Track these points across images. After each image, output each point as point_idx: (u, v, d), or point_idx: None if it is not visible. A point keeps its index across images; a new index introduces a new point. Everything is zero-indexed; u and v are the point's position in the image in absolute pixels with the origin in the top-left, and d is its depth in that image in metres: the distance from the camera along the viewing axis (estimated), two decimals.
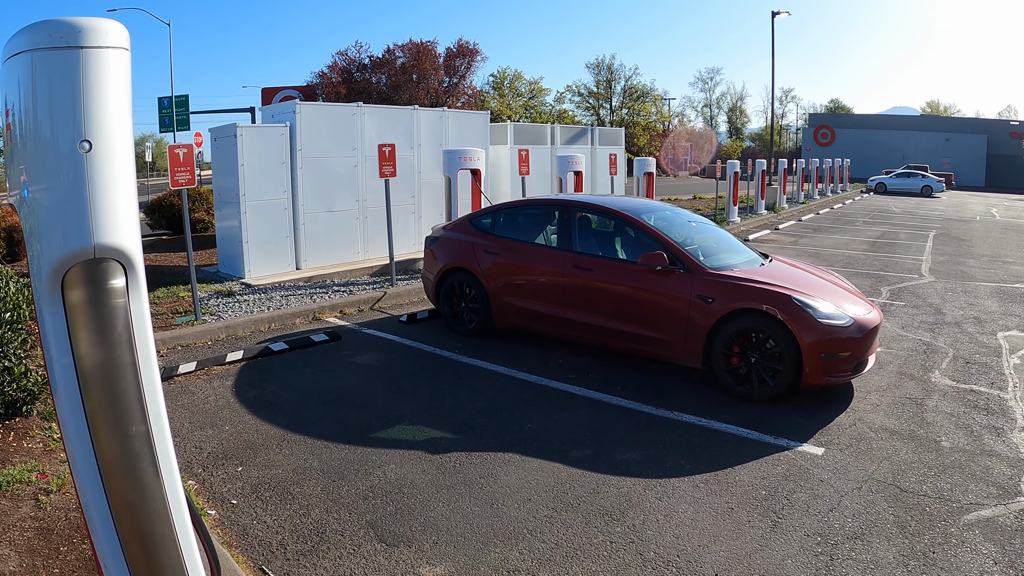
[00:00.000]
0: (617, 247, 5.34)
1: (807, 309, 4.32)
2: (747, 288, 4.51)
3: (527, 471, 3.54)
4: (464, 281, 6.05)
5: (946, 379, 5.10)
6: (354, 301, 7.29)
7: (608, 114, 58.77)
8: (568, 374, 5.10)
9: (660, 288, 4.81)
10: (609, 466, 3.61)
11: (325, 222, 8.49)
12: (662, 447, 3.86)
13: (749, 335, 4.47)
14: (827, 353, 4.28)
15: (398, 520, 2.99)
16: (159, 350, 5.96)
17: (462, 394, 4.72)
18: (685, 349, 4.71)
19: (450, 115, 9.89)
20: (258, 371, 5.26)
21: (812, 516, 3.12)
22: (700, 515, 3.14)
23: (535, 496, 3.28)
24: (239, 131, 7.70)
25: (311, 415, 4.26)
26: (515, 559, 2.77)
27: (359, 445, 3.78)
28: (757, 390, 4.45)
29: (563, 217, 5.55)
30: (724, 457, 3.72)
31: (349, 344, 5.99)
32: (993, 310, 7.46)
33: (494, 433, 4.02)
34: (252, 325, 6.52)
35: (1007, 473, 3.56)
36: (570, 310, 5.32)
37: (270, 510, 3.10)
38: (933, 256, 11.50)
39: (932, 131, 47.40)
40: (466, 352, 5.68)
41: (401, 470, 3.49)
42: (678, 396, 4.63)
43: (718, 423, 4.18)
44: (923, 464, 3.65)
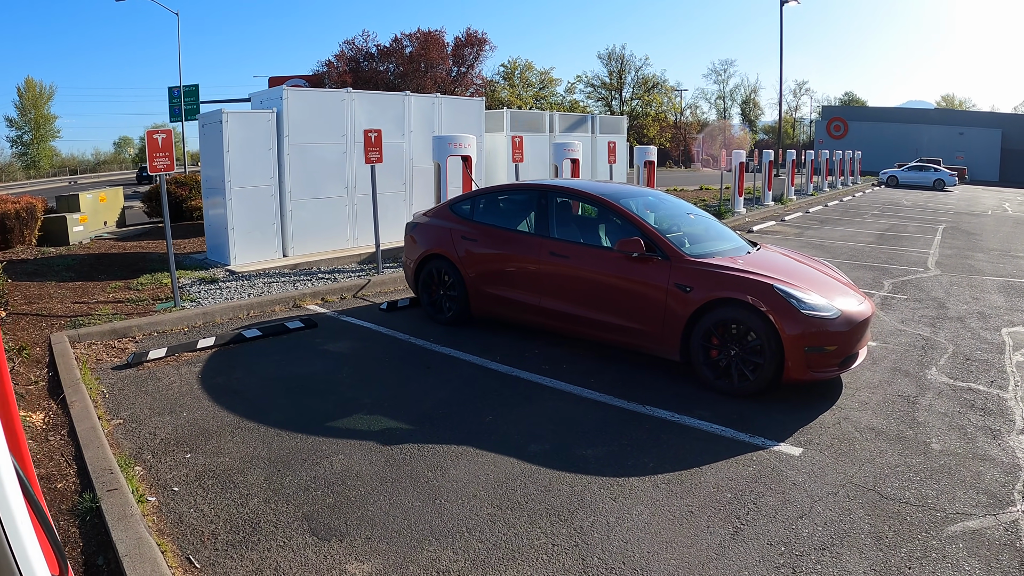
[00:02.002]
0: (595, 234, 5.02)
1: (790, 300, 3.97)
2: (727, 276, 4.18)
3: (478, 466, 3.31)
4: (442, 268, 5.78)
5: (943, 376, 4.73)
6: (337, 289, 7.06)
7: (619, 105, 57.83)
8: (542, 365, 4.82)
9: (637, 276, 4.49)
10: (566, 462, 3.35)
11: (313, 209, 8.26)
12: (627, 443, 3.57)
13: (729, 326, 4.14)
14: (811, 346, 3.94)
15: (335, 513, 2.84)
16: (136, 336, 5.80)
17: (428, 384, 4.47)
18: (662, 340, 4.40)
19: (443, 101, 9.58)
20: (227, 358, 5.08)
21: (779, 523, 2.81)
22: (655, 518, 2.86)
23: (481, 492, 3.05)
24: (224, 117, 7.48)
25: (270, 403, 4.09)
26: (447, 559, 2.56)
27: (312, 434, 3.61)
28: (737, 385, 4.13)
29: (541, 202, 5.24)
30: (692, 456, 3.42)
31: (324, 332, 5.77)
32: (999, 305, 7.01)
33: (453, 425, 3.78)
34: (230, 312, 6.33)
35: (1000, 480, 3.21)
36: (546, 298, 5.02)
37: (209, 499, 2.97)
38: (941, 250, 10.97)
39: (946, 125, 45.91)
40: (441, 341, 5.42)
41: (349, 461, 3.31)
42: (653, 390, 4.32)
43: (691, 419, 3.87)
44: (909, 468, 3.32)
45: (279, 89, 7.97)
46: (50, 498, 2.96)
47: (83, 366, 4.77)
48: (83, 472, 3.19)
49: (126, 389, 4.39)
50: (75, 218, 9.27)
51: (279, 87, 8.00)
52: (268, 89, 8.37)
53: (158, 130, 6.22)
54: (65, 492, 3.04)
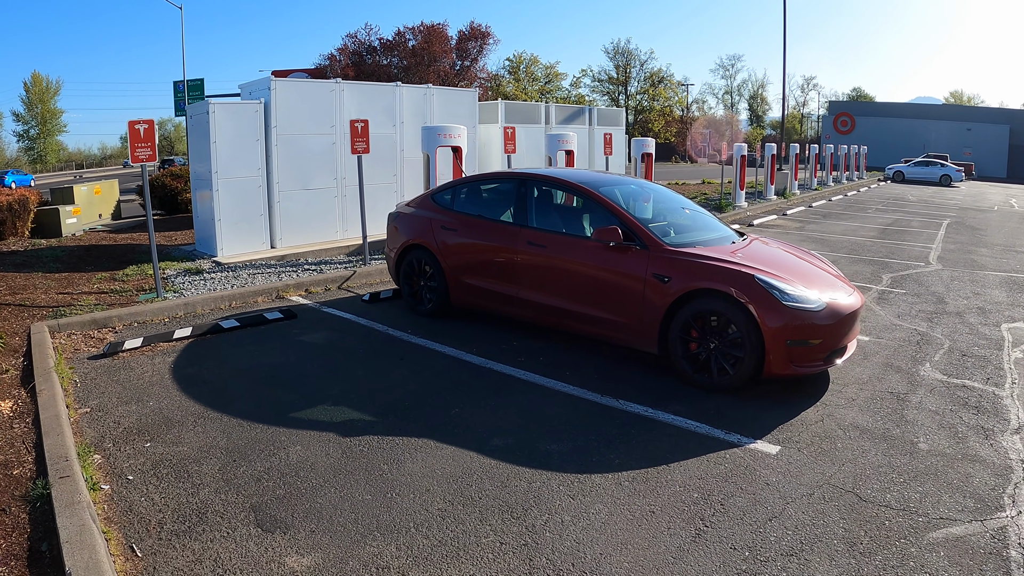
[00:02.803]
0: (573, 223, 4.79)
1: (771, 290, 3.74)
2: (706, 266, 3.94)
3: (437, 459, 3.14)
4: (423, 259, 5.59)
5: (937, 373, 4.47)
6: (322, 280, 6.89)
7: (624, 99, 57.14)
8: (518, 357, 4.62)
9: (614, 266, 4.27)
10: (527, 457, 3.16)
11: (301, 200, 8.09)
12: (594, 438, 3.37)
13: (708, 318, 3.91)
14: (793, 340, 3.71)
15: (283, 505, 2.75)
16: (116, 326, 5.68)
17: (399, 375, 4.30)
18: (640, 332, 4.18)
19: (435, 92, 9.37)
20: (202, 348, 4.94)
21: (746, 526, 2.60)
22: (614, 518, 2.66)
23: (435, 487, 2.89)
24: (211, 108, 7.33)
25: (237, 393, 3.98)
26: (389, 555, 2.43)
27: (273, 425, 3.50)
28: (716, 379, 3.90)
29: (520, 191, 5.02)
30: (661, 452, 3.21)
31: (303, 323, 5.61)
32: (1000, 300, 6.70)
33: (417, 417, 3.62)
34: (212, 303, 6.19)
35: (990, 483, 2.97)
36: (524, 289, 4.81)
37: (161, 488, 2.90)
38: (944, 244, 10.61)
39: (954, 120, 44.89)
40: (419, 332, 5.24)
41: (306, 452, 3.19)
42: (630, 384, 4.11)
43: (666, 414, 3.65)
44: (892, 469, 3.08)
45: (266, 80, 7.80)
46: (5, 484, 2.90)
47: (58, 355, 4.67)
48: (41, 459, 3.11)
49: (98, 378, 4.30)
50: (68, 210, 9.18)
51: (266, 77, 7.83)
52: (257, 80, 8.21)
53: (140, 120, 6.06)
54: (20, 479, 2.97)
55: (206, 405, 3.79)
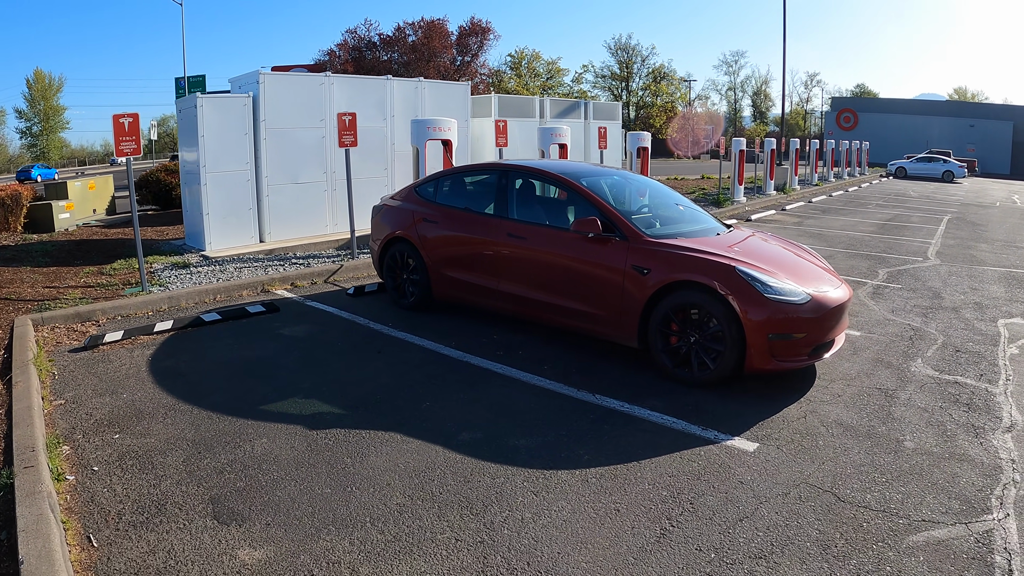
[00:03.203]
0: (554, 214, 4.63)
1: (753, 282, 3.57)
2: (686, 258, 3.78)
3: (402, 453, 3.04)
4: (405, 252, 5.45)
5: (928, 368, 4.28)
6: (308, 273, 6.77)
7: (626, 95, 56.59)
8: (497, 351, 4.47)
9: (594, 258, 4.11)
10: (494, 453, 3.03)
11: (290, 194, 7.96)
12: (565, 433, 3.23)
13: (689, 311, 3.75)
14: (776, 333, 3.54)
15: (242, 497, 2.70)
16: (99, 320, 5.60)
17: (374, 369, 4.18)
18: (620, 326, 4.02)
19: (426, 85, 9.20)
20: (182, 341, 4.86)
21: (714, 526, 2.44)
22: (576, 516, 2.52)
23: (396, 481, 2.80)
24: (199, 102, 7.21)
25: (211, 386, 3.91)
26: (341, 550, 2.35)
27: (242, 417, 3.44)
28: (696, 374, 3.74)
29: (501, 183, 4.86)
30: (632, 449, 3.06)
31: (285, 316, 5.49)
32: (998, 296, 6.49)
33: (387, 411, 3.52)
34: (196, 296, 6.09)
35: (977, 484, 2.80)
36: (505, 282, 4.66)
37: (125, 479, 2.87)
38: (943, 240, 10.36)
39: (957, 117, 44.20)
40: (399, 326, 5.11)
41: (271, 445, 3.12)
42: (609, 378, 3.95)
43: (642, 409, 3.50)
44: (875, 468, 2.92)
45: (255, 73, 7.67)
46: None
47: (39, 348, 4.61)
48: (9, 450, 3.06)
49: (77, 371, 4.23)
50: (61, 205, 9.11)
51: (255, 71, 7.69)
52: (246, 74, 8.07)
53: (124, 114, 5.96)
54: None
55: (178, 397, 3.73)
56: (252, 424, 3.35)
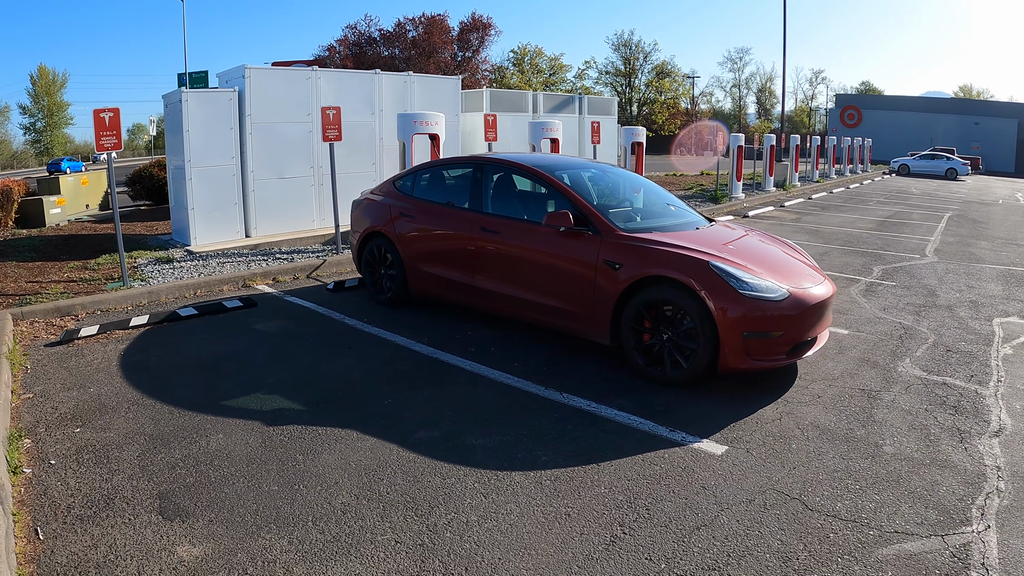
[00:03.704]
0: (528, 208, 4.44)
1: (727, 278, 3.37)
2: (659, 252, 3.58)
3: (355, 451, 2.92)
4: (383, 246, 5.29)
5: (916, 369, 4.07)
6: (291, 268, 6.63)
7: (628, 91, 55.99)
8: (469, 347, 4.31)
9: (566, 252, 3.92)
10: (449, 452, 2.89)
11: (277, 189, 7.82)
12: (525, 433, 3.06)
13: (662, 307, 3.55)
14: (751, 331, 3.34)
15: (190, 493, 2.65)
16: (79, 314, 5.50)
17: (342, 364, 4.05)
18: (593, 322, 3.83)
19: (415, 79, 9.02)
20: (156, 336, 4.75)
21: (669, 534, 2.26)
22: (524, 520, 2.36)
23: (344, 480, 2.69)
24: (183, 96, 7.07)
25: (177, 381, 3.84)
26: (279, 549, 2.27)
27: (202, 412, 3.37)
28: (669, 372, 3.55)
29: (476, 176, 4.68)
30: (593, 450, 2.89)
31: (262, 311, 5.35)
32: (994, 294, 6.23)
33: (347, 407, 3.40)
34: (176, 291, 5.96)
35: (958, 492, 2.59)
36: (479, 277, 4.49)
37: (80, 473, 2.84)
38: (943, 237, 10.07)
39: (962, 114, 43.39)
40: (374, 321, 4.95)
41: (227, 440, 3.06)
42: (579, 376, 3.77)
43: (610, 409, 3.31)
44: (848, 474, 2.72)
45: (241, 67, 7.52)
46: None
47: (15, 343, 4.54)
48: None
49: (50, 365, 4.16)
50: (52, 200, 9.02)
51: (241, 66, 7.54)
52: (233, 68, 7.93)
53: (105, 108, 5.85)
54: None
55: (144, 392, 3.67)
56: (211, 419, 3.28)
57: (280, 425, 3.21)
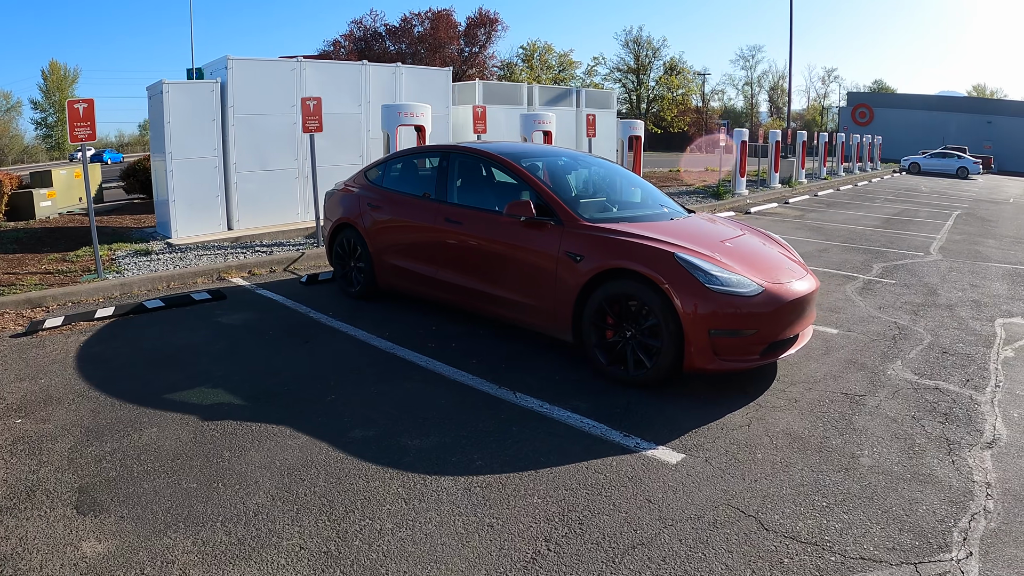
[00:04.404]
0: (491, 198, 4.15)
1: (693, 271, 3.05)
2: (621, 243, 3.27)
3: (284, 449, 2.74)
4: (352, 239, 5.04)
5: (907, 372, 3.72)
6: (268, 261, 6.42)
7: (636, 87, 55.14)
8: (429, 343, 4.05)
9: (527, 243, 3.63)
10: (382, 453, 2.67)
11: (260, 181, 7.62)
12: (465, 435, 2.81)
13: (626, 303, 3.25)
14: (720, 329, 3.03)
15: (110, 488, 2.54)
16: (49, 306, 5.35)
17: (295, 359, 3.84)
18: (554, 317, 3.55)
19: (404, 71, 8.76)
20: (119, 328, 4.60)
21: (600, 552, 1.98)
22: (442, 530, 2.12)
23: (264, 480, 2.50)
24: (165, 88, 6.88)
25: (128, 373, 3.70)
26: (181, 549, 2.14)
27: (143, 405, 3.26)
28: (632, 372, 3.25)
29: (443, 165, 4.40)
30: (536, 455, 2.61)
31: (229, 304, 5.15)
32: (999, 293, 5.82)
33: (289, 403, 3.20)
34: (150, 283, 5.79)
35: (940, 512, 2.27)
36: (443, 270, 4.22)
37: (10, 464, 2.74)
38: (949, 235, 9.59)
39: (975, 113, 42.05)
40: (340, 315, 4.71)
41: (160, 434, 2.92)
42: (537, 375, 3.49)
43: (563, 411, 3.03)
44: (816, 489, 2.41)
45: (224, 59, 7.32)
46: None
47: None
48: None
49: (9, 356, 4.02)
50: (42, 193, 8.93)
51: (223, 57, 7.34)
52: (217, 60, 7.73)
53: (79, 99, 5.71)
54: None
55: (93, 384, 3.53)
56: (149, 412, 3.15)
57: (215, 420, 3.05)
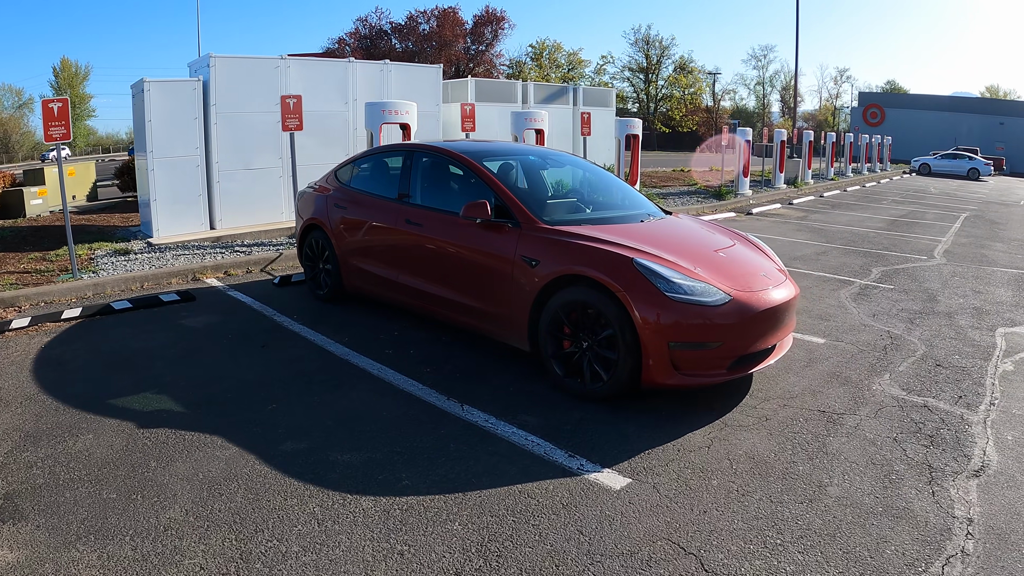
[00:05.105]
0: (452, 199, 3.91)
1: (652, 278, 2.79)
2: (577, 247, 3.02)
3: (211, 461, 2.59)
4: (320, 240, 4.84)
5: (895, 387, 3.42)
6: (245, 261, 6.25)
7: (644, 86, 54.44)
8: (387, 349, 3.83)
9: (485, 246, 3.39)
10: (307, 468, 2.49)
11: (243, 180, 7.46)
12: (400, 451, 2.60)
13: (585, 311, 3.00)
14: (680, 342, 2.76)
15: (33, 495, 2.44)
16: (22, 306, 5.23)
17: (247, 364, 3.67)
18: (511, 324, 3.30)
19: (393, 68, 8.56)
20: (83, 329, 4.47)
21: None
22: (349, 556, 1.93)
23: (184, 493, 2.37)
24: (146, 86, 6.75)
25: (82, 376, 3.59)
26: (86, 563, 2.03)
27: (86, 410, 3.12)
28: (589, 386, 3.00)
29: (406, 164, 4.18)
30: (469, 475, 2.39)
31: (197, 306, 4.98)
32: (1002, 300, 5.46)
33: (229, 411, 3.04)
34: (123, 284, 5.64)
35: (910, 554, 1.99)
36: (404, 273, 4.00)
37: None
38: (955, 238, 9.16)
39: (987, 114, 40.82)
40: (304, 318, 4.52)
41: (94, 441, 2.81)
42: (491, 386, 3.25)
43: (509, 426, 2.79)
44: (773, 523, 2.14)
45: (207, 57, 7.16)
46: None
47: None
48: None
49: None
50: (33, 192, 8.88)
51: (207, 55, 7.19)
52: (201, 57, 7.59)
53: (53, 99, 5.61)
54: None
55: (43, 387, 3.43)
56: (90, 418, 3.04)
57: (151, 428, 2.92)
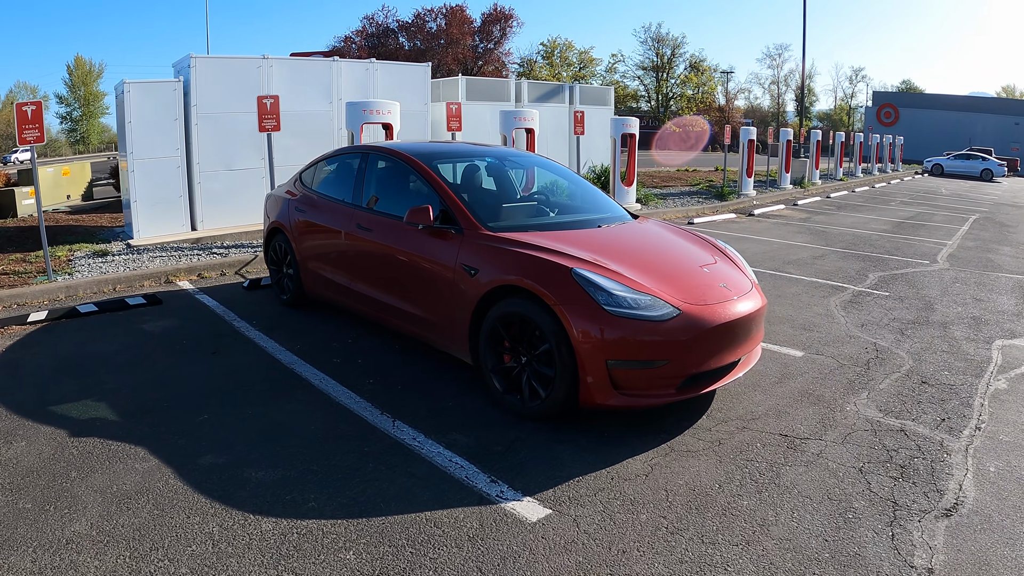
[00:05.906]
0: (401, 203, 3.68)
1: (591, 290, 2.54)
2: (515, 256, 2.78)
3: (128, 473, 2.49)
4: (283, 244, 4.68)
5: (871, 408, 3.12)
6: (220, 264, 6.12)
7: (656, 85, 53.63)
8: (335, 358, 3.64)
9: (428, 253, 3.18)
10: (218, 485, 2.35)
11: (225, 181, 7.34)
12: (316, 469, 2.43)
13: (524, 324, 2.76)
14: (620, 359, 2.51)
15: None
16: None
17: (191, 372, 3.53)
18: (452, 335, 3.08)
19: (379, 67, 8.37)
20: (45, 333, 4.37)
21: None
22: None
23: (95, 506, 2.28)
24: (126, 87, 6.66)
25: (29, 381, 3.51)
26: None
27: (24, 416, 3.03)
28: (527, 403, 2.76)
29: (360, 166, 3.98)
30: (379, 499, 2.20)
31: (162, 309, 4.87)
32: (1004, 309, 5.08)
33: (160, 422, 2.93)
34: (96, 286, 5.55)
35: None
36: (356, 280, 3.80)
37: None
38: (962, 241, 8.71)
39: (1002, 114, 39.41)
40: (261, 324, 4.36)
41: (25, 449, 2.72)
42: (431, 401, 3.03)
43: (436, 446, 2.57)
44: (699, 569, 1.88)
45: (187, 57, 7.05)
46: None
47: None
48: None
49: None
50: (25, 191, 8.88)
51: (187, 55, 7.08)
52: (182, 58, 7.49)
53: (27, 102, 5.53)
54: None
55: None
56: (27, 425, 2.96)
57: (82, 437, 2.81)
